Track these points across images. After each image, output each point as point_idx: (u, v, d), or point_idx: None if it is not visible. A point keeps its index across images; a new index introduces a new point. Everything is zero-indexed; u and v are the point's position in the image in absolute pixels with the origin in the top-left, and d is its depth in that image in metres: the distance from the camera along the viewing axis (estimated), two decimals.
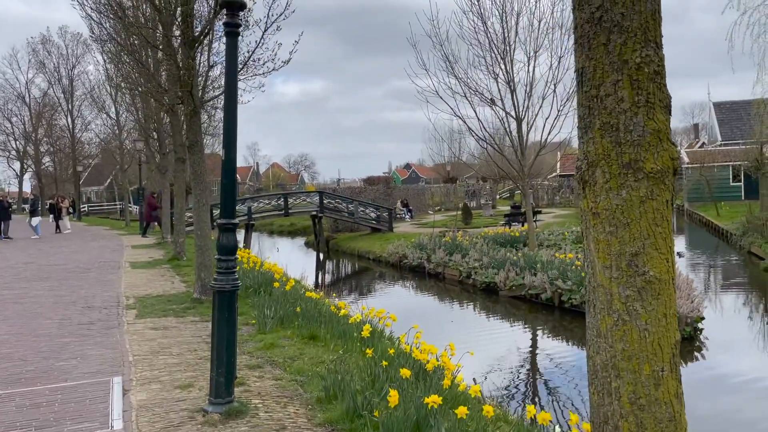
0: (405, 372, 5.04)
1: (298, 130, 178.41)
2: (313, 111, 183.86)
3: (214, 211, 21.33)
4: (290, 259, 23.27)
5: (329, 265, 26.78)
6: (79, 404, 5.15)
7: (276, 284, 10.32)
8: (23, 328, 8.23)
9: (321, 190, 36.14)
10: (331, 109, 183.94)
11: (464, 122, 16.81)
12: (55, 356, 6.72)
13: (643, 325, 2.10)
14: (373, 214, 29.65)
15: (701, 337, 11.14)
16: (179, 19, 10.65)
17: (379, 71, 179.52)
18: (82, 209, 49.21)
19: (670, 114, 2.11)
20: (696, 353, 10.55)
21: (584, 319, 9.64)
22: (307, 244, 33.09)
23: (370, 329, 6.89)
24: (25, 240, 24.55)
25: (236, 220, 5.21)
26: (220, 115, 27.35)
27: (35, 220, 26.22)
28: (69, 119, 49.04)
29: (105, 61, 24.81)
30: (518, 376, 9.84)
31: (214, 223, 16.26)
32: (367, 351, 5.96)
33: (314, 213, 29.12)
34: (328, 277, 23.62)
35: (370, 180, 44.61)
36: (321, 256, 28.27)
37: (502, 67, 16.47)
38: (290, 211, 28.99)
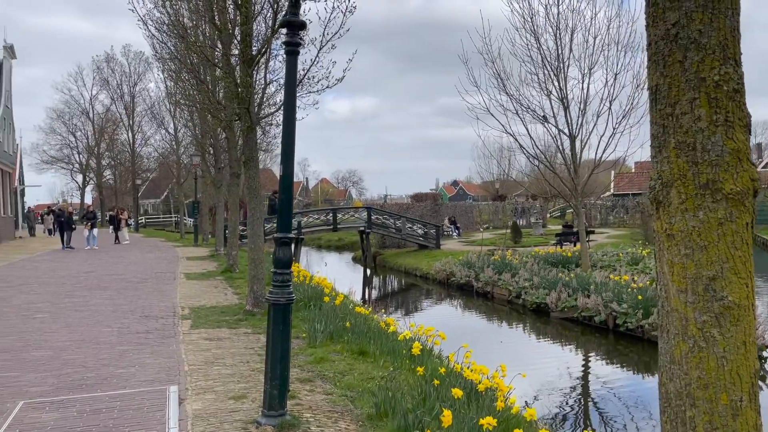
0: (457, 392, 4.97)
1: (346, 147, 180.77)
2: (362, 127, 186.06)
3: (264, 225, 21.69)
4: (338, 274, 23.40)
5: (376, 281, 26.82)
6: (138, 411, 5.29)
7: (326, 299, 10.39)
8: (84, 335, 8.53)
9: (368, 205, 36.34)
10: (379, 125, 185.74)
11: (515, 139, 16.66)
12: (114, 364, 6.93)
13: (721, 352, 2.01)
14: (420, 231, 29.59)
15: (767, 366, 10.60)
16: (238, 38, 10.98)
17: (428, 88, 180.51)
18: (139, 221, 50.92)
19: (750, 133, 2.03)
20: (762, 383, 10.02)
21: (640, 343, 9.33)
22: (355, 260, 33.26)
23: (420, 347, 6.84)
24: (86, 250, 25.56)
25: (292, 234, 5.27)
26: (273, 131, 27.96)
27: (94, 231, 27.34)
28: (129, 134, 51.10)
29: (165, 78, 25.81)
30: (570, 401, 9.57)
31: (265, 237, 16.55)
32: (419, 369, 5.92)
33: (362, 228, 29.28)
34: (375, 293, 23.64)
35: (417, 196, 44.62)
36: (368, 271, 28.35)
37: (556, 84, 16.28)
38: (339, 226, 29.25)
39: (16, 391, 5.92)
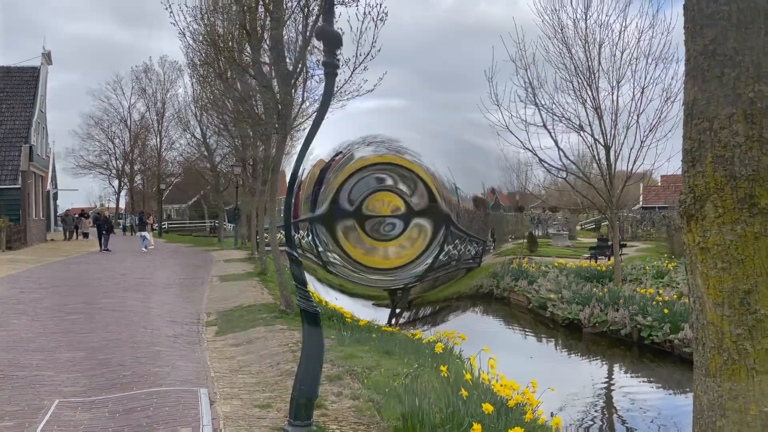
0: (487, 407, 4.96)
1: None
2: None
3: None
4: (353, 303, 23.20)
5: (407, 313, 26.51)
6: (173, 408, 5.42)
7: (348, 319, 10.41)
8: (121, 335, 8.75)
9: None
10: None
11: (535, 154, 16.41)
12: (151, 363, 7.10)
13: (752, 364, 2.04)
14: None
15: None
16: (268, 43, 11.13)
17: (455, 104, 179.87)
18: (162, 226, 51.29)
19: None
20: None
21: (666, 357, 9.20)
22: None
23: (443, 346, 7.13)
24: (121, 253, 26.13)
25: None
26: (298, 135, 28.14)
27: (146, 234, 28.50)
28: (158, 139, 51.88)
29: (192, 83, 26.24)
30: (593, 413, 9.50)
31: None
32: (442, 368, 5.95)
33: None
34: (401, 320, 23.47)
35: None
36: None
37: (589, 93, 16.11)
38: None
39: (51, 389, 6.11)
